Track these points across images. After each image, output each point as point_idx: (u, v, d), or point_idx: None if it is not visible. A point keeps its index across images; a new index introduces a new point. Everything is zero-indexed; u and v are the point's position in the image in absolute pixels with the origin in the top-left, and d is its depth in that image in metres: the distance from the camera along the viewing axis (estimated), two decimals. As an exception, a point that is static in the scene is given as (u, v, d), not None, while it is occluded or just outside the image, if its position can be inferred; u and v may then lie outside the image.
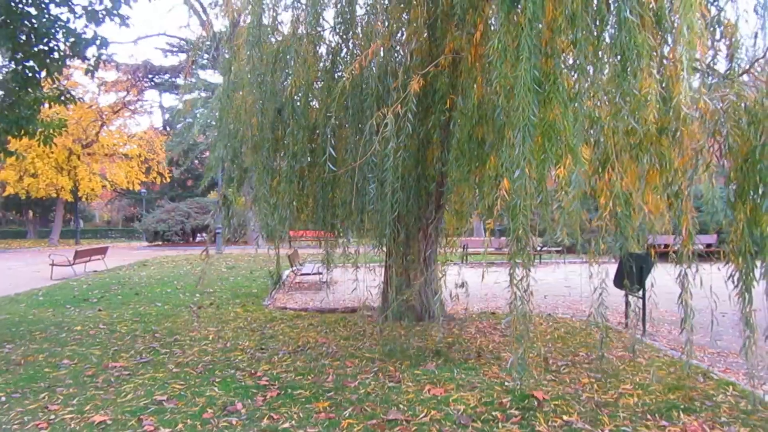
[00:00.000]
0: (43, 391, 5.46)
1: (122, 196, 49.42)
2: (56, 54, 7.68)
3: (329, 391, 5.39)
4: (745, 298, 4.56)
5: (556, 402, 4.99)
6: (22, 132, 8.04)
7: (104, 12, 7.67)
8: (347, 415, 4.76)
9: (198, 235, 35.34)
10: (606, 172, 4.55)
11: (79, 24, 7.68)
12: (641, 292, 7.24)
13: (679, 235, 4.63)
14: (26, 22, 7.29)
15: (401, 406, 4.95)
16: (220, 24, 22.64)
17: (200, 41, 23.52)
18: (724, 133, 4.60)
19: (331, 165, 5.89)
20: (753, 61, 5.53)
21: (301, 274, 14.12)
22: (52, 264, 16.27)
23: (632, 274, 6.41)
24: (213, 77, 38.07)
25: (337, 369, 6.18)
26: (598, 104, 5.07)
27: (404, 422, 4.60)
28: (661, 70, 5.03)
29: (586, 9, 4.50)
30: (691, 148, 4.73)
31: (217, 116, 8.40)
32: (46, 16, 7.38)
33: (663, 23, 5.01)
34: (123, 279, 15.53)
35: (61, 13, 7.57)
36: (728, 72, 5.49)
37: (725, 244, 4.77)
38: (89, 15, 7.64)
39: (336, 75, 7.42)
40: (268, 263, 10.84)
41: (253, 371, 6.12)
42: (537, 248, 18.58)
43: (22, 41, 7.34)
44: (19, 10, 7.19)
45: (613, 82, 4.54)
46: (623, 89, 4.34)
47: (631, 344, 5.97)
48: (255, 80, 7.41)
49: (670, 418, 4.64)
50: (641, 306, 7.26)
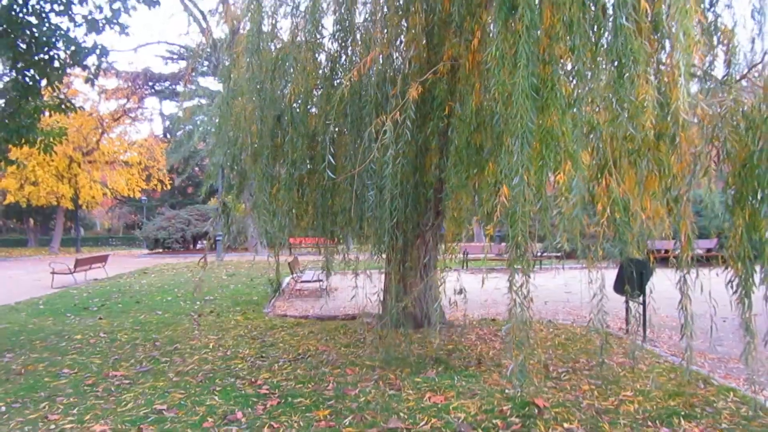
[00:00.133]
0: (44, 401, 5.46)
1: (123, 204, 49.49)
2: (57, 63, 7.71)
3: (329, 400, 5.38)
4: (745, 304, 4.56)
5: (557, 409, 4.98)
6: (23, 141, 8.07)
7: (104, 21, 7.70)
8: (347, 424, 4.75)
9: (199, 243, 35.33)
10: (604, 178, 4.56)
11: (80, 33, 7.72)
12: (641, 298, 7.22)
13: (679, 241, 4.64)
14: (27, 31, 7.32)
15: (402, 414, 4.94)
16: (220, 31, 22.75)
17: (200, 48, 23.63)
18: (722, 139, 4.62)
19: (330, 173, 5.90)
20: (751, 67, 5.55)
21: (302, 282, 14.11)
22: (53, 272, 16.27)
23: (632, 280, 6.39)
24: (213, 84, 38.24)
25: (338, 377, 6.17)
26: (597, 110, 5.08)
27: (405, 430, 4.60)
28: (659, 76, 5.05)
29: (584, 16, 4.51)
30: (690, 154, 4.74)
31: (217, 123, 8.43)
32: (47, 25, 7.41)
33: (660, 29, 5.03)
34: (123, 287, 15.54)
35: (61, 22, 7.62)
36: (726, 77, 5.50)
37: (725, 249, 4.77)
38: (89, 24, 7.67)
39: (335, 82, 7.42)
40: (269, 270, 10.83)
41: (254, 380, 6.11)
42: (537, 254, 18.56)
43: (23, 50, 7.36)
44: (20, 20, 7.22)
45: (610, 89, 4.55)
46: (620, 96, 4.35)
47: (632, 350, 5.97)
48: (254, 87, 7.43)
49: (671, 425, 4.64)
50: (642, 312, 7.25)
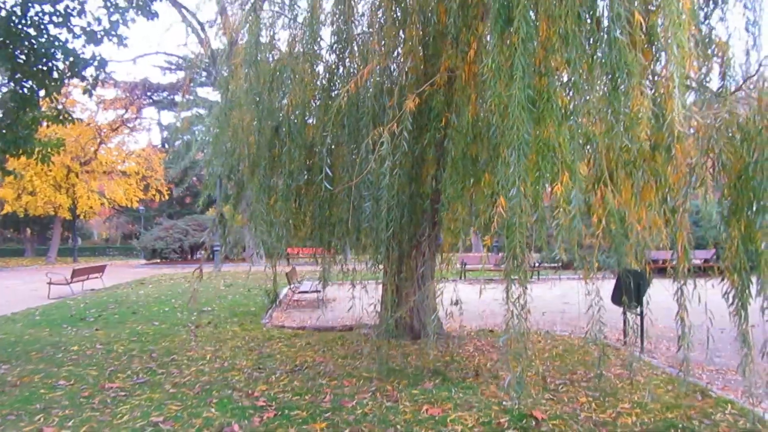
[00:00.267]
0: (39, 413, 5.42)
1: (120, 214, 49.39)
2: (55, 74, 7.72)
3: (326, 412, 5.36)
4: (742, 315, 4.55)
5: (554, 421, 4.96)
6: (21, 151, 8.07)
7: (102, 33, 7.73)
8: (344, 436, 4.74)
9: (196, 253, 35.23)
10: (599, 189, 4.57)
11: (78, 44, 7.75)
12: (639, 309, 7.21)
13: (676, 251, 4.64)
14: (25, 43, 7.34)
15: (399, 427, 4.92)
16: (219, 42, 22.83)
17: (198, 59, 23.71)
18: (718, 150, 4.63)
19: (327, 184, 5.90)
20: (745, 79, 5.58)
21: (299, 292, 14.08)
22: (50, 282, 16.20)
23: (630, 291, 6.39)
24: (211, 95, 38.35)
25: (335, 389, 6.14)
26: (594, 122, 5.10)
27: (401, 443, 4.58)
28: (654, 88, 5.09)
29: (580, 28, 4.54)
30: (686, 165, 4.75)
31: (215, 134, 8.45)
32: (45, 37, 7.43)
33: (655, 41, 5.07)
34: (120, 297, 15.48)
35: (60, 34, 7.63)
36: (721, 89, 5.54)
37: (721, 260, 4.77)
38: (88, 36, 7.70)
39: (333, 93, 7.45)
40: (266, 281, 10.83)
41: (251, 391, 6.09)
42: (535, 264, 18.57)
43: (22, 61, 7.38)
44: (19, 31, 7.24)
45: (605, 101, 4.58)
46: (614, 108, 4.38)
47: (630, 362, 5.95)
48: (252, 99, 7.45)
49: (669, 437, 4.62)
50: (639, 323, 7.24)
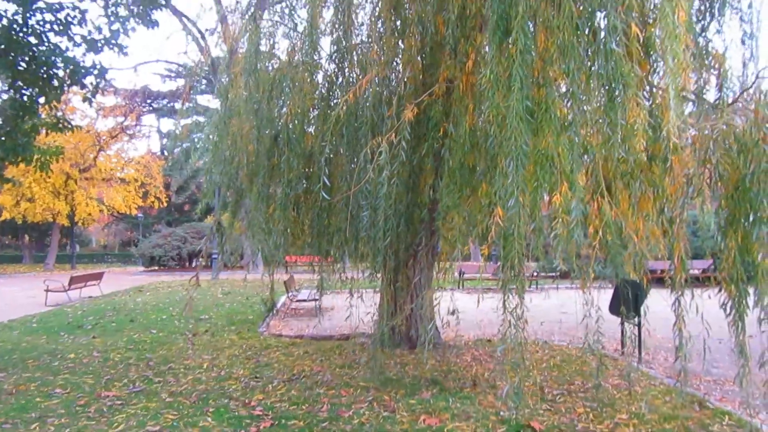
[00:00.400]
0: (35, 422, 5.40)
1: (119, 221, 49.31)
2: (55, 82, 7.75)
3: (323, 421, 5.34)
4: (739, 326, 4.56)
5: (552, 432, 4.95)
6: (19, 159, 8.08)
7: (103, 41, 7.77)
8: (341, 446, 4.72)
9: (195, 260, 35.17)
10: (596, 200, 4.58)
11: (78, 52, 7.78)
12: (636, 319, 7.21)
13: (673, 262, 4.65)
14: (26, 51, 7.36)
15: (395, 437, 4.90)
16: (219, 50, 22.92)
17: (198, 67, 23.77)
18: (715, 161, 4.65)
19: (325, 194, 5.89)
20: (742, 91, 5.61)
21: (297, 301, 14.04)
22: (47, 290, 16.16)
23: (628, 301, 6.39)
24: (211, 102, 38.42)
25: (332, 398, 6.13)
26: (592, 132, 5.12)
27: (398, 453, 4.57)
28: (652, 99, 5.11)
29: (578, 40, 4.57)
30: (683, 175, 4.77)
31: (214, 142, 8.46)
32: (46, 45, 7.47)
33: (651, 53, 5.10)
34: (118, 305, 15.43)
35: (61, 42, 7.67)
36: (718, 101, 5.56)
37: (718, 271, 4.77)
38: (88, 44, 7.74)
39: (332, 102, 7.47)
40: (264, 289, 10.79)
41: (247, 401, 6.07)
42: (533, 273, 18.55)
43: (22, 69, 7.41)
44: (20, 39, 7.27)
45: (602, 112, 4.60)
46: (611, 119, 4.40)
47: (627, 373, 5.94)
48: (251, 107, 7.48)
49: (667, 448, 4.61)
50: (637, 333, 7.24)
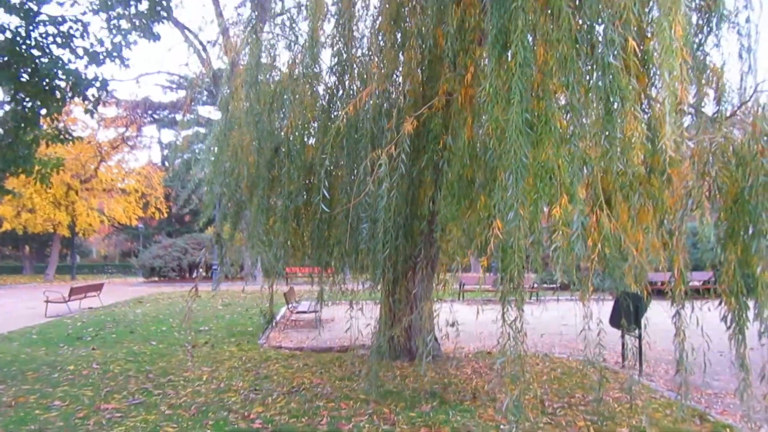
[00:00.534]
0: (32, 435, 5.39)
1: (120, 231, 49.30)
2: (57, 93, 7.78)
3: (323, 435, 5.32)
4: (739, 339, 4.55)
5: (552, 445, 4.93)
6: (20, 170, 8.09)
7: (105, 54, 7.80)
8: (340, 460, 4.69)
9: (195, 272, 35.11)
10: (595, 213, 4.58)
11: (80, 65, 7.82)
12: (637, 332, 7.19)
13: (673, 275, 4.65)
14: (28, 63, 7.39)
15: (395, 450, 4.88)
16: (220, 62, 23.00)
17: (200, 79, 23.86)
18: (714, 174, 4.67)
19: (325, 206, 5.89)
20: (741, 104, 5.63)
21: (297, 312, 14.00)
22: (47, 301, 16.13)
23: (629, 313, 6.38)
24: (212, 113, 38.51)
25: (332, 411, 6.10)
26: (591, 145, 5.13)
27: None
28: (650, 112, 5.13)
29: (578, 53, 4.60)
30: (682, 188, 4.78)
31: (215, 153, 8.49)
32: (48, 57, 7.50)
33: (650, 66, 5.12)
34: (118, 316, 15.40)
35: (63, 54, 7.71)
36: (716, 115, 5.58)
37: (718, 284, 4.77)
38: (90, 56, 7.77)
39: (333, 114, 7.50)
40: (264, 300, 10.79)
41: (247, 413, 6.04)
42: (533, 285, 18.49)
43: (24, 81, 7.44)
44: (22, 51, 7.31)
45: (600, 125, 4.61)
46: (609, 132, 4.41)
47: (629, 386, 5.93)
48: (252, 119, 7.51)
49: (668, 462, 4.58)
50: (638, 345, 7.22)
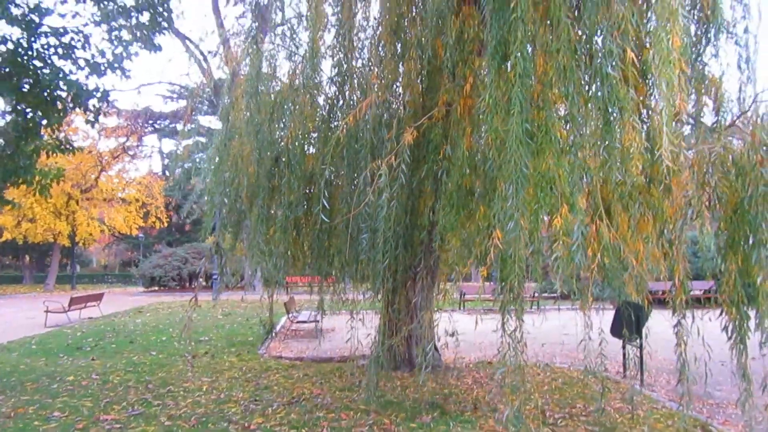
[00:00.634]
0: (31, 446, 5.36)
1: (120, 241, 49.27)
2: (58, 104, 7.80)
3: (323, 446, 5.29)
4: (740, 349, 4.54)
5: (554, 456, 4.90)
6: (20, 181, 8.10)
7: (106, 65, 7.84)
8: (340, 471, 4.67)
9: (195, 281, 35.05)
10: (594, 223, 4.58)
11: (82, 76, 7.84)
12: (638, 341, 7.17)
13: (674, 284, 4.64)
14: (30, 74, 7.42)
15: (396, 462, 4.85)
16: (221, 72, 23.06)
17: (200, 88, 23.94)
18: (713, 184, 4.67)
19: (324, 217, 5.89)
20: (740, 114, 5.65)
21: (297, 322, 13.97)
22: (47, 311, 16.11)
23: (630, 323, 6.37)
24: (212, 123, 38.58)
25: (332, 422, 6.08)
26: (590, 155, 5.14)
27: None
28: (648, 122, 5.14)
29: (577, 63, 4.62)
30: (682, 197, 4.79)
31: (216, 162, 8.49)
32: (50, 68, 7.53)
33: (649, 76, 5.13)
34: (118, 326, 15.37)
35: (64, 66, 7.73)
36: (715, 125, 5.60)
37: (719, 293, 4.76)
38: (91, 68, 7.81)
39: (333, 124, 7.51)
40: (264, 310, 10.78)
41: (247, 424, 6.02)
42: (534, 294, 18.46)
43: (25, 92, 7.46)
44: (24, 62, 7.34)
45: (598, 135, 4.63)
46: (608, 142, 4.43)
47: (630, 396, 5.90)
48: (252, 129, 7.52)
49: (670, 474, 4.56)
50: (639, 355, 7.20)
